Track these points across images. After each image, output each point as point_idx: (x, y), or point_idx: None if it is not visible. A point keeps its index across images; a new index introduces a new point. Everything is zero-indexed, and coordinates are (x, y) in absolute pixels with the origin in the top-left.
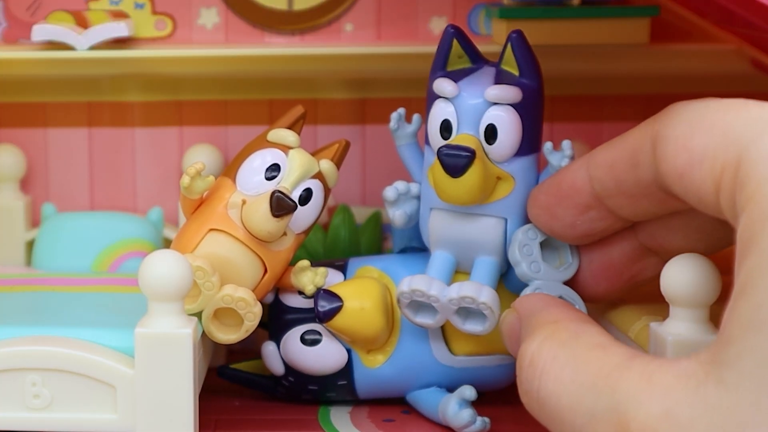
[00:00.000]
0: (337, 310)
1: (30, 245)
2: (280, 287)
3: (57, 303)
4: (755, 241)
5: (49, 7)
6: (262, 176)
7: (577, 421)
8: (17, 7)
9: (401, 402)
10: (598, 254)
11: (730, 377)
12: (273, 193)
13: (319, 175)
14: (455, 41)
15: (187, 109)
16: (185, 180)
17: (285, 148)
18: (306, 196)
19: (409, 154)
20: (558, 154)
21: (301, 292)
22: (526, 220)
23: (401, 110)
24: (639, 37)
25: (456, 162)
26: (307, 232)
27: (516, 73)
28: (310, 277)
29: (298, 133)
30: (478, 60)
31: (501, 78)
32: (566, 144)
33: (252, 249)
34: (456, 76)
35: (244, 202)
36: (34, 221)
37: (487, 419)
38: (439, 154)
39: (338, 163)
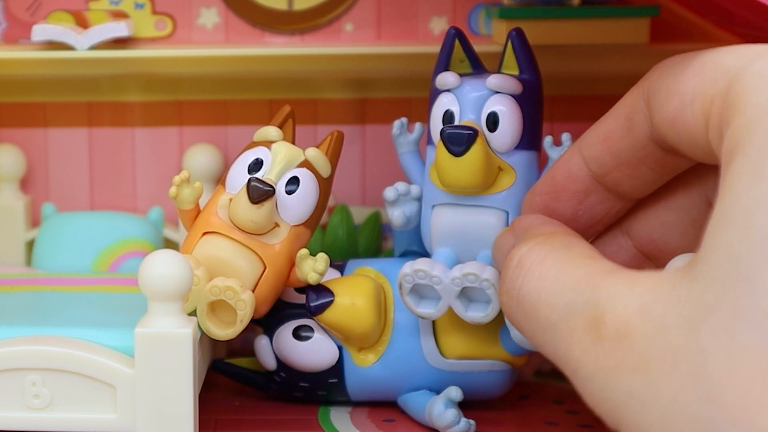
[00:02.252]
0: (328, 304)
1: (30, 245)
2: (291, 285)
3: (57, 303)
4: (739, 148)
5: (49, 7)
6: (246, 173)
7: (553, 316)
8: (17, 7)
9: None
10: None
11: (699, 272)
12: (248, 181)
13: (305, 164)
14: (457, 43)
15: (187, 109)
16: (172, 190)
17: (268, 144)
18: (293, 184)
19: (411, 162)
20: (558, 148)
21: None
22: None
23: (404, 119)
24: (639, 37)
25: (458, 139)
26: (309, 225)
27: (517, 71)
28: (310, 265)
29: (292, 132)
30: (478, 67)
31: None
32: (566, 137)
33: (246, 245)
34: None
35: (231, 200)
36: (34, 221)
37: (472, 421)
38: (442, 133)
39: (332, 154)
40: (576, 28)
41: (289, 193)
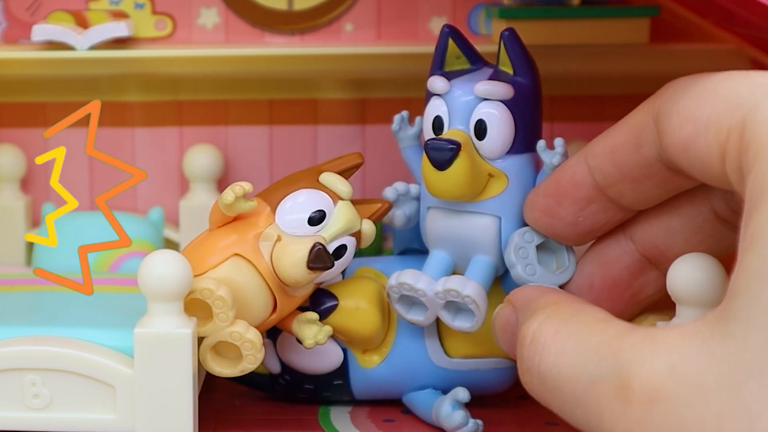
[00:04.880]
0: (332, 309)
1: (30, 245)
2: (280, 327)
3: (57, 303)
4: (764, 196)
5: (49, 7)
6: (305, 218)
7: (578, 389)
8: (17, 7)
9: (401, 402)
10: (599, 273)
11: (736, 329)
12: (315, 244)
13: (357, 234)
14: (451, 41)
15: (187, 109)
16: (228, 198)
17: (335, 197)
18: (340, 252)
19: (413, 156)
20: (551, 152)
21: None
22: (521, 220)
23: (404, 113)
24: (639, 37)
25: (440, 155)
26: (321, 283)
27: (511, 72)
28: (314, 332)
29: (348, 179)
30: (476, 61)
31: (496, 77)
32: (558, 141)
33: (269, 286)
34: (451, 75)
35: (279, 238)
36: (35, 221)
37: (480, 422)
38: (426, 147)
39: (376, 222)
40: (576, 28)
41: (335, 259)
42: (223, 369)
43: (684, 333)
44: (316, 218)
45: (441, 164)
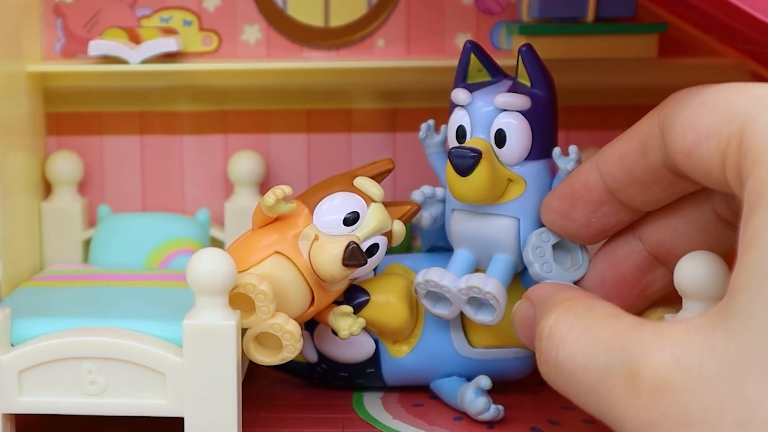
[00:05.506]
0: (365, 303)
1: (87, 244)
2: (317, 319)
3: (111, 297)
4: (762, 199)
5: (104, 24)
6: (341, 219)
7: (592, 379)
8: (75, 24)
9: (428, 389)
10: (610, 270)
11: (736, 325)
12: (350, 243)
13: (388, 234)
14: (473, 55)
15: (232, 118)
16: (270, 200)
17: (368, 200)
18: (372, 252)
19: (438, 162)
20: (565, 158)
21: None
22: (538, 221)
23: (431, 121)
24: (648, 51)
25: (463, 162)
26: (354, 279)
27: (528, 84)
28: (348, 324)
29: (380, 183)
30: (497, 74)
31: (514, 89)
32: (572, 149)
33: (308, 282)
34: (473, 88)
35: (316, 237)
36: (91, 221)
37: (500, 407)
38: (449, 155)
39: (406, 223)
40: (590, 43)
41: (367, 257)
42: (265, 358)
43: (688, 328)
44: (351, 219)
45: (464, 171)
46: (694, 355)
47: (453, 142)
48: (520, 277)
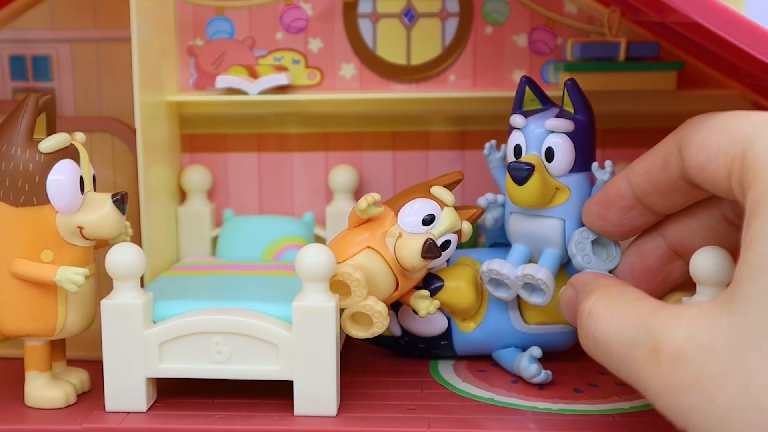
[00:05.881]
0: (440, 288)
1: (214, 240)
2: (401, 301)
3: (234, 283)
4: (760, 207)
5: (228, 63)
6: (420, 220)
7: (622, 350)
8: (205, 62)
9: (490, 357)
10: (638, 262)
11: (739, 308)
12: (427, 239)
13: (458, 232)
14: (527, 88)
15: (332, 139)
16: (362, 204)
17: (442, 204)
18: (445, 245)
19: (499, 173)
20: (602, 171)
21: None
22: (580, 221)
23: (493, 141)
24: (668, 85)
25: (519, 174)
26: (431, 268)
27: (572, 111)
28: (426, 305)
29: (452, 191)
30: (546, 102)
31: (561, 114)
32: (608, 163)
33: (393, 271)
34: (527, 114)
35: (400, 235)
36: (217, 222)
37: (549, 372)
38: (508, 168)
39: (472, 223)
40: (621, 78)
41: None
42: (359, 332)
43: (700, 310)
44: (428, 220)
45: (520, 181)
46: (705, 332)
47: (511, 158)
48: (565, 267)
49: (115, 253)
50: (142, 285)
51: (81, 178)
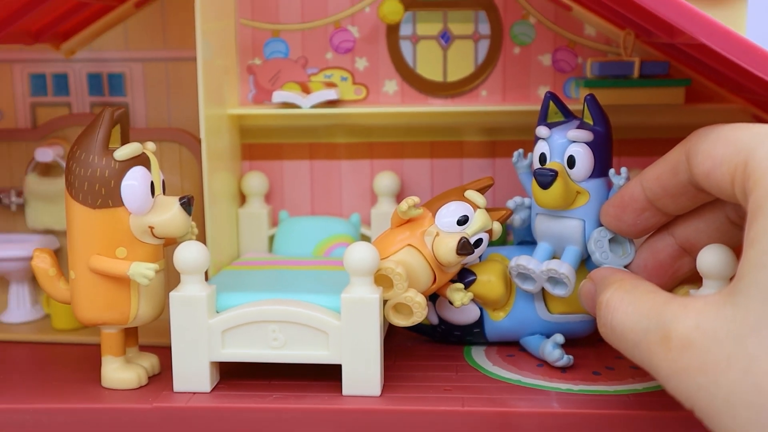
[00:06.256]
0: (473, 281)
1: (271, 239)
2: (438, 292)
3: (289, 277)
4: (761, 210)
5: (283, 80)
6: (455, 220)
7: (636, 338)
8: (262, 79)
9: (518, 344)
10: (651, 258)
11: (741, 300)
12: (462, 238)
13: (490, 231)
14: (551, 102)
15: (376, 148)
16: (404, 207)
17: (475, 206)
18: (478, 244)
19: (526, 179)
20: (618, 176)
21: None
22: (598, 222)
23: (520, 150)
24: (677, 99)
25: (544, 179)
26: (465, 264)
27: (591, 123)
28: (460, 297)
29: (483, 195)
30: (568, 115)
31: (581, 126)
32: (623, 170)
33: (431, 266)
34: (551, 125)
35: (437, 234)
36: (274, 222)
37: (571, 357)
38: (534, 173)
39: (502, 223)
40: (635, 93)
41: (474, 248)
42: (400, 321)
43: (706, 302)
44: (462, 221)
45: (545, 185)
46: (710, 322)
47: (537, 165)
48: (585, 263)
49: (182, 250)
50: (206, 279)
51: (152, 183)
